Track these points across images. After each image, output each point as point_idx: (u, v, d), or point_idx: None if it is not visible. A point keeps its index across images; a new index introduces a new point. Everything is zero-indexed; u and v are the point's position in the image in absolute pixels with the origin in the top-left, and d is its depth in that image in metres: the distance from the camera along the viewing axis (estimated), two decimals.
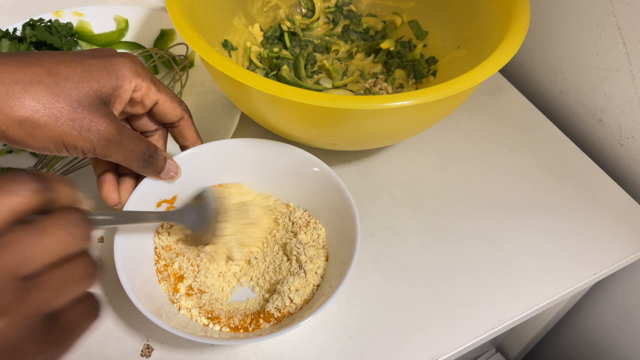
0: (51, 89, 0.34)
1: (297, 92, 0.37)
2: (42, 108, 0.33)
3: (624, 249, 0.48)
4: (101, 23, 0.61)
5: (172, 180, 0.42)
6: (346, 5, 0.62)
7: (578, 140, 0.59)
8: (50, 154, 0.38)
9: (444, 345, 0.41)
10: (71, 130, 0.34)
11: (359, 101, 0.37)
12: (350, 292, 0.44)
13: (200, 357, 0.40)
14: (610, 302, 0.62)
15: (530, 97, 0.63)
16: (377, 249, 0.47)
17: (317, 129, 0.44)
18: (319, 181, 0.44)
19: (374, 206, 0.50)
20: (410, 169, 0.53)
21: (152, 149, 0.39)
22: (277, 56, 0.57)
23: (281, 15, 0.61)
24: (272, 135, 0.48)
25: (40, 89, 0.33)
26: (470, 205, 0.50)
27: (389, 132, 0.45)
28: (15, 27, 0.57)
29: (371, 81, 0.57)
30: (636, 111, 0.53)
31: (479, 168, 0.54)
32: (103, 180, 0.41)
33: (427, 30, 0.59)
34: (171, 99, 0.40)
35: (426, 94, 0.37)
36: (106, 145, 0.36)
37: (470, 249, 0.47)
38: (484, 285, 0.45)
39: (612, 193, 0.53)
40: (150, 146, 0.39)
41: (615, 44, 0.52)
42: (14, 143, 0.34)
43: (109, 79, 0.36)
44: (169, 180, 0.42)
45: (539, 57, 0.63)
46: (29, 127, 0.33)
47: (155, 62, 0.58)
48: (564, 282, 0.45)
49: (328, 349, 0.41)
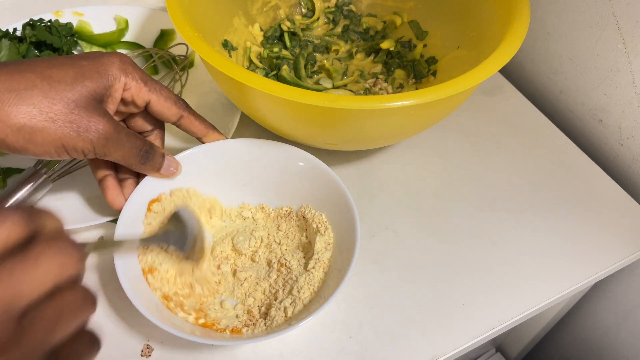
0: (46, 93, 0.34)
1: (297, 92, 0.37)
2: (39, 113, 0.33)
3: (624, 249, 0.48)
4: (101, 23, 0.61)
5: (173, 176, 0.42)
6: (346, 5, 0.62)
7: (578, 140, 0.59)
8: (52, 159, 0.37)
9: (444, 345, 0.41)
10: (70, 132, 0.34)
11: (359, 101, 0.37)
12: (350, 292, 0.44)
13: (200, 357, 0.40)
14: (610, 302, 0.62)
15: (530, 97, 0.63)
16: (377, 249, 0.46)
17: (317, 129, 0.44)
18: (318, 181, 0.44)
19: (374, 206, 0.50)
20: (410, 169, 0.53)
21: (148, 144, 0.39)
22: (277, 56, 0.57)
23: (281, 15, 0.61)
24: (272, 135, 0.48)
25: (35, 94, 0.33)
26: (470, 205, 0.50)
27: (389, 132, 0.45)
28: (15, 27, 0.57)
29: (371, 81, 0.57)
30: (636, 111, 0.53)
31: (479, 168, 0.54)
32: (106, 185, 0.41)
33: (427, 30, 0.59)
34: (165, 98, 0.40)
35: (426, 94, 0.37)
36: (105, 144, 0.36)
37: (470, 249, 0.47)
38: (484, 285, 0.45)
39: (612, 193, 0.52)
40: (146, 142, 0.39)
41: (615, 44, 0.52)
42: (15, 151, 0.34)
43: (100, 79, 0.36)
44: (170, 177, 0.42)
45: (539, 57, 0.63)
46: (27, 133, 0.33)
47: (155, 62, 0.58)
48: (564, 282, 0.45)
49: (328, 349, 0.41)
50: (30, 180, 0.43)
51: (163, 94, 0.40)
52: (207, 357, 0.40)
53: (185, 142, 0.51)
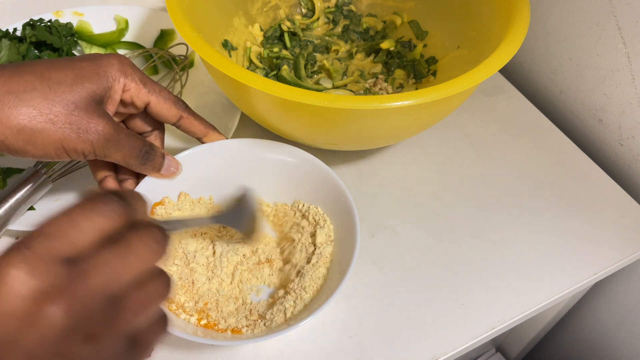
0: (45, 95, 0.34)
1: (297, 92, 0.37)
2: (39, 114, 0.33)
3: (624, 249, 0.48)
4: (101, 23, 0.61)
5: (174, 176, 0.42)
6: (346, 5, 0.62)
7: (578, 140, 0.59)
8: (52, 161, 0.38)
9: (444, 345, 0.41)
10: (70, 133, 0.34)
11: (359, 101, 0.37)
12: (350, 292, 0.44)
13: (200, 357, 0.40)
14: (610, 302, 0.62)
15: (530, 97, 0.63)
16: (377, 249, 0.47)
17: (317, 129, 0.44)
18: (318, 181, 0.44)
19: (374, 206, 0.50)
20: (410, 169, 0.53)
21: (148, 145, 0.39)
22: (277, 56, 0.57)
23: (281, 15, 0.61)
24: (272, 135, 0.48)
25: (34, 96, 0.33)
26: (470, 205, 0.50)
27: (389, 132, 0.45)
28: (15, 27, 0.57)
29: (371, 81, 0.57)
30: (636, 111, 0.53)
31: (479, 168, 0.54)
32: (106, 187, 0.41)
33: (427, 30, 0.59)
34: (164, 99, 0.40)
35: (426, 94, 0.37)
36: (105, 144, 0.36)
37: (470, 249, 0.47)
38: (484, 285, 0.45)
39: (612, 193, 0.52)
40: (146, 142, 0.39)
41: (615, 44, 0.52)
42: (14, 152, 0.34)
43: (99, 80, 0.36)
44: (171, 177, 0.42)
45: (539, 57, 0.63)
46: (27, 135, 0.33)
47: (155, 62, 0.58)
48: (564, 282, 0.45)
49: (328, 349, 0.41)
50: (30, 180, 0.43)
51: (162, 95, 0.40)
52: (208, 357, 0.40)
53: (186, 142, 0.51)
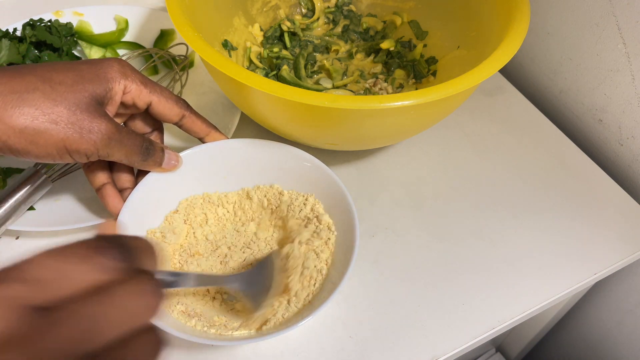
0: (47, 95, 0.34)
1: (297, 92, 0.37)
2: (41, 114, 0.33)
3: (624, 249, 0.48)
4: (101, 23, 0.61)
5: (175, 169, 0.42)
6: (346, 5, 0.62)
7: (578, 140, 0.59)
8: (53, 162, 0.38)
9: (444, 345, 0.41)
10: (72, 133, 0.34)
11: (359, 101, 0.37)
12: (350, 292, 0.44)
13: (200, 357, 0.40)
14: (610, 302, 0.62)
15: (530, 97, 0.63)
16: (377, 249, 0.47)
17: (317, 129, 0.44)
18: (318, 181, 0.44)
19: (374, 206, 0.50)
20: (410, 169, 0.53)
21: (148, 140, 0.40)
22: (277, 56, 0.57)
23: (281, 15, 0.61)
24: (272, 135, 0.48)
25: (37, 96, 0.33)
26: (470, 205, 0.50)
27: (389, 132, 0.45)
28: (15, 27, 0.57)
29: (371, 81, 0.57)
30: (636, 111, 0.53)
31: (479, 168, 0.54)
32: (105, 193, 0.41)
33: (427, 30, 0.59)
34: (166, 99, 0.40)
35: (426, 94, 0.37)
36: (108, 143, 0.36)
37: (470, 249, 0.47)
38: (484, 285, 0.45)
39: (612, 193, 0.52)
40: (145, 138, 0.40)
41: (615, 44, 0.52)
42: (17, 153, 0.34)
43: (100, 82, 0.36)
44: (172, 170, 0.42)
45: (539, 57, 0.63)
46: (30, 135, 0.33)
47: (155, 62, 0.58)
48: (564, 282, 0.45)
49: (328, 348, 0.41)
50: (30, 180, 0.43)
51: (164, 94, 0.40)
52: (208, 357, 0.40)
53: (186, 142, 0.51)
